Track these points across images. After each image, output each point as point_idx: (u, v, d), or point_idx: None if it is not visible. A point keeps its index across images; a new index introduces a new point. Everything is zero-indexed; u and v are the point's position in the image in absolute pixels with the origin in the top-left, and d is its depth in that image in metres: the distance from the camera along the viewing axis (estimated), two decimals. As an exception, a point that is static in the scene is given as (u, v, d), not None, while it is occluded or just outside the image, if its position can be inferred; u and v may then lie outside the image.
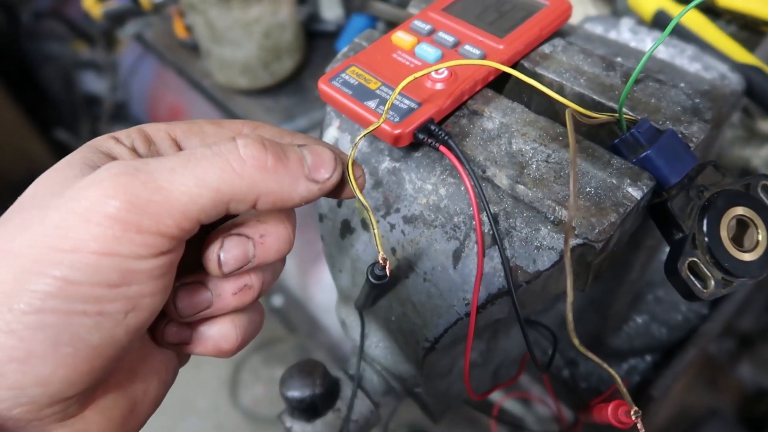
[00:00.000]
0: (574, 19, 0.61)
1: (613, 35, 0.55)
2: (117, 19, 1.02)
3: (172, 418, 1.83)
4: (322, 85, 0.38)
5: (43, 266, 0.22)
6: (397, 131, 0.35)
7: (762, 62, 0.52)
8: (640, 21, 0.58)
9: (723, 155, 0.70)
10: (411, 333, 0.40)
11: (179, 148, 0.29)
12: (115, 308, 0.23)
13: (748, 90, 0.50)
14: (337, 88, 0.38)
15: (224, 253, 0.27)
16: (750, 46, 0.60)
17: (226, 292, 0.28)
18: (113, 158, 0.27)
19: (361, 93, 0.37)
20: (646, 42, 0.52)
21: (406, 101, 0.36)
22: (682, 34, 0.54)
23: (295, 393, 0.43)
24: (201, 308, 0.28)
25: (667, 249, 0.35)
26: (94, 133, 1.94)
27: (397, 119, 0.35)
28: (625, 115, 0.34)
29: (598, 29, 0.55)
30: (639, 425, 0.27)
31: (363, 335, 0.45)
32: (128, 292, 0.23)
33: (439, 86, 0.37)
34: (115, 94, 1.81)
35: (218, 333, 0.29)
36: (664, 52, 0.51)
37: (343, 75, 0.39)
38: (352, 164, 0.29)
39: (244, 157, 0.25)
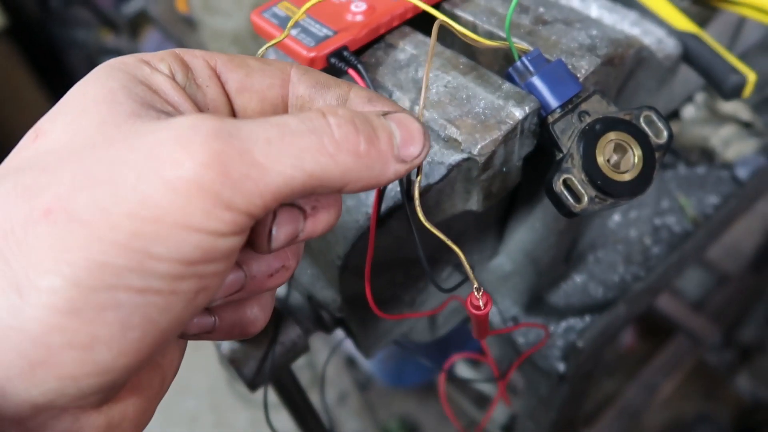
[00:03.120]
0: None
1: (563, 1, 0.57)
2: (125, -6, 1.07)
3: (169, 399, 1.87)
4: (254, 17, 0.42)
5: (118, 234, 0.19)
6: (311, 54, 0.38)
7: (714, 37, 0.54)
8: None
9: (683, 133, 0.72)
10: (327, 252, 0.43)
11: (219, 81, 0.26)
12: (188, 287, 0.20)
13: (685, 55, 0.52)
14: (266, 19, 0.41)
15: (277, 227, 0.23)
16: (702, 20, 0.61)
17: (262, 273, 0.26)
18: (154, 90, 0.24)
19: (287, 24, 0.41)
20: (591, 8, 0.55)
21: (324, 29, 0.39)
22: (627, 1, 0.56)
23: (223, 309, 0.46)
24: (232, 291, 0.25)
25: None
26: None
27: (312, 44, 0.38)
28: (519, 46, 0.37)
29: (549, -4, 0.58)
30: (481, 301, 0.29)
31: (292, 261, 0.47)
32: (204, 271, 0.20)
33: (358, 18, 0.40)
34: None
35: (245, 318, 0.27)
36: (608, 18, 0.53)
37: (273, 8, 0.42)
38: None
39: (338, 139, 0.22)
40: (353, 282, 0.44)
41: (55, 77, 2.19)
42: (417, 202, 0.28)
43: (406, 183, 0.37)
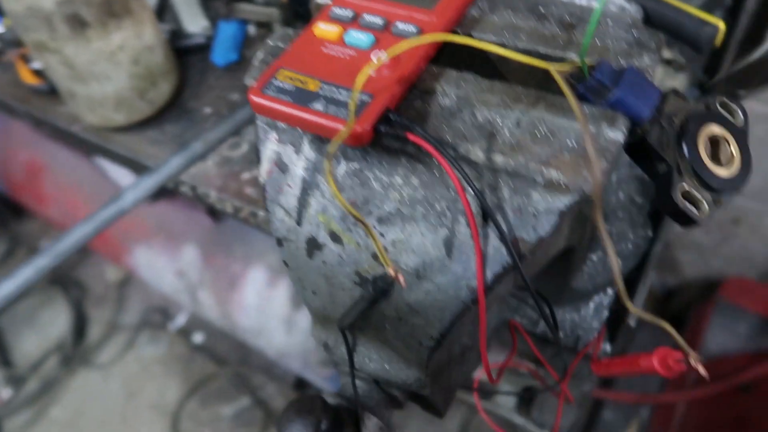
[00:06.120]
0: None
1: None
2: (-54, 78, 0.89)
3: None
4: (255, 98, 0.34)
5: None
6: (358, 129, 0.32)
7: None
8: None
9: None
10: (411, 336, 0.38)
11: None
12: None
13: (645, 18, 0.52)
14: (272, 97, 0.34)
15: None
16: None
17: None
18: None
19: (303, 97, 0.34)
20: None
21: (357, 96, 0.33)
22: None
23: (301, 435, 0.39)
24: None
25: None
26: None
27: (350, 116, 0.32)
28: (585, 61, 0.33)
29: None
30: (699, 367, 0.26)
31: (351, 353, 0.41)
32: None
33: (385, 72, 0.34)
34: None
35: None
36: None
37: (275, 82, 0.35)
38: None
39: None
40: (439, 355, 0.40)
41: None
42: (624, 294, 0.24)
43: (510, 243, 0.32)
